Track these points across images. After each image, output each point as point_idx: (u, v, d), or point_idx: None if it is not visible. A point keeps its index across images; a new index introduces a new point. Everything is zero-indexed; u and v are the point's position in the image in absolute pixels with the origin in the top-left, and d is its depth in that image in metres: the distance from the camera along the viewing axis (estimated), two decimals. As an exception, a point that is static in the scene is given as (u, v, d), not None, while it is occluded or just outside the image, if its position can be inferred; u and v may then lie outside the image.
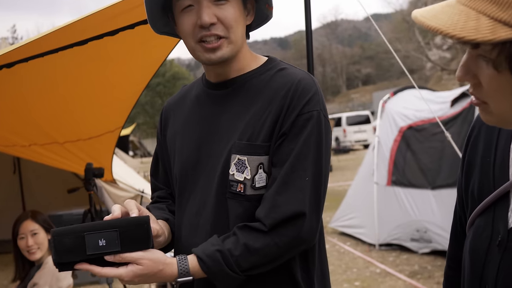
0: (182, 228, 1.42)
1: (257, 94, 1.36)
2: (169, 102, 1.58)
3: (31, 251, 3.16)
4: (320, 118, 1.32)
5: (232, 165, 1.32)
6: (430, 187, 6.12)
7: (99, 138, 4.25)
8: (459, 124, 6.02)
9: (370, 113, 28.87)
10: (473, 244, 1.03)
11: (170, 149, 1.50)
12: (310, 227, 1.29)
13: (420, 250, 6.07)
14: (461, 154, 1.19)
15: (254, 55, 1.44)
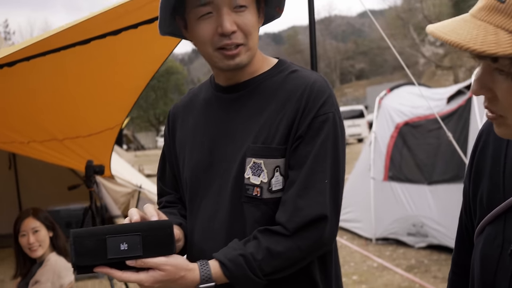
0: (194, 233, 1.40)
1: (270, 96, 1.35)
2: (176, 106, 1.55)
3: (32, 249, 3.17)
4: (336, 120, 1.31)
5: (247, 169, 1.30)
6: (427, 183, 6.17)
7: (98, 135, 4.25)
8: (455, 121, 6.06)
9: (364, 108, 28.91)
10: (483, 252, 1.03)
11: (179, 153, 1.47)
12: (331, 230, 1.28)
13: (417, 244, 6.13)
14: (468, 161, 1.20)
15: (265, 57, 1.43)
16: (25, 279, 3.21)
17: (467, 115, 5.94)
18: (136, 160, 20.14)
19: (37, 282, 3.07)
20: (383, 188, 6.61)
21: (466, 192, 1.17)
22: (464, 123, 5.95)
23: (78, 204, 5.64)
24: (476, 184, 1.12)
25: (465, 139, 5.83)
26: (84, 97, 3.80)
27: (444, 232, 5.81)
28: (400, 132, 6.80)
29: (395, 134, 6.85)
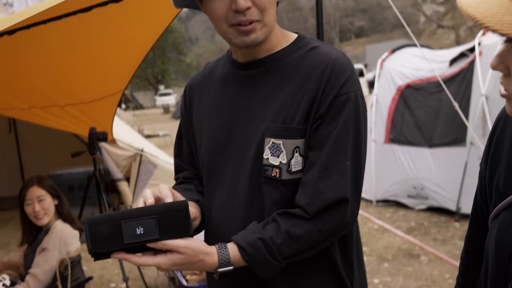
0: (212, 212, 1.38)
1: (289, 74, 1.30)
2: (193, 81, 1.51)
3: (38, 217, 3.19)
4: (358, 99, 1.27)
5: (266, 149, 1.27)
6: (428, 145, 6.19)
7: (100, 101, 4.21)
8: (457, 84, 6.03)
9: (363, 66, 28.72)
10: (498, 237, 1.04)
11: (197, 130, 1.45)
12: (352, 212, 1.26)
13: (417, 206, 6.20)
14: (485, 145, 1.20)
15: (284, 33, 1.37)
16: (32, 246, 3.25)
17: (469, 78, 5.91)
18: (135, 120, 20.15)
19: (44, 249, 3.11)
20: (384, 151, 6.63)
21: (482, 175, 1.18)
22: (467, 86, 5.92)
23: (81, 168, 5.66)
24: (492, 169, 1.12)
25: (467, 102, 5.81)
26: (85, 64, 3.76)
27: (444, 195, 5.87)
28: (401, 94, 6.77)
29: (397, 96, 6.82)
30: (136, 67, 4.02)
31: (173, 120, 25.53)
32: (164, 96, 39.82)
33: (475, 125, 5.56)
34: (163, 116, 29.61)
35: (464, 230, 5.29)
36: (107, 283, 4.57)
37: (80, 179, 5.70)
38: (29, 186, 3.23)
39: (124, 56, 3.83)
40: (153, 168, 6.13)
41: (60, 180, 5.65)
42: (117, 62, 3.90)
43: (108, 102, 4.34)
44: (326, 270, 1.33)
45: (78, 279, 3.69)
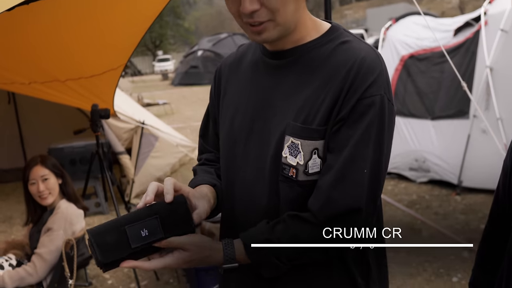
0: (234, 200, 1.36)
1: (316, 69, 1.25)
2: (225, 63, 1.47)
3: (42, 196, 3.19)
4: (384, 103, 1.20)
5: (285, 147, 1.24)
6: (430, 118, 6.15)
7: (101, 76, 4.17)
8: (462, 54, 5.94)
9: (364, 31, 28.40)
10: None
11: (223, 114, 1.42)
12: (365, 220, 1.21)
13: (418, 179, 6.21)
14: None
15: (316, 22, 1.30)
16: (37, 226, 3.26)
17: (474, 49, 5.82)
18: (133, 87, 20.04)
19: (49, 229, 3.12)
20: (386, 123, 6.61)
21: (507, 171, 1.18)
22: (471, 57, 5.84)
23: (82, 142, 5.63)
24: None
25: (471, 74, 5.75)
26: (85, 38, 3.70)
27: (446, 168, 5.86)
28: (404, 65, 6.69)
29: (400, 67, 6.74)
30: (138, 41, 3.96)
31: (172, 87, 25.38)
32: (162, 62, 39.46)
33: (478, 97, 5.51)
34: (162, 82, 29.42)
35: (465, 204, 5.32)
36: (111, 258, 4.60)
37: (82, 152, 5.67)
38: (33, 165, 3.22)
39: (124, 29, 3.77)
40: (155, 140, 6.12)
41: (61, 153, 5.63)
42: (117, 36, 3.84)
43: (109, 76, 4.30)
44: (337, 267, 1.31)
45: (83, 255, 3.72)
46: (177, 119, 13.40)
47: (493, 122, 5.16)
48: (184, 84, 24.12)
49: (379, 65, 1.21)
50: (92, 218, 5.68)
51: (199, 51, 24.66)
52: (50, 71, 4.07)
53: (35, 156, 3.31)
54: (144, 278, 4.10)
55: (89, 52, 3.87)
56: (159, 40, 50.06)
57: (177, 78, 25.89)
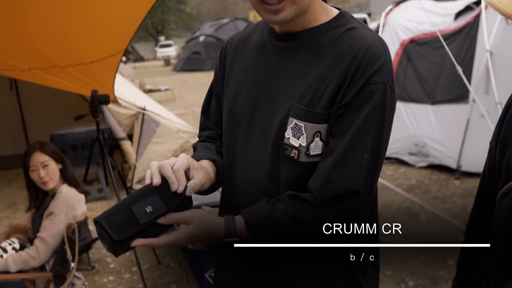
0: (234, 179, 1.40)
1: (322, 53, 1.28)
2: (231, 42, 1.48)
3: (43, 182, 3.24)
4: (386, 91, 1.23)
5: (288, 129, 1.27)
6: (430, 102, 6.17)
7: (101, 62, 4.19)
8: (462, 39, 5.94)
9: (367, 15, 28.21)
10: (508, 216, 1.06)
11: (227, 93, 1.44)
12: (362, 203, 1.26)
13: (418, 164, 6.24)
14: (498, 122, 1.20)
15: (325, 7, 1.33)
16: (39, 210, 3.31)
17: (474, 33, 5.82)
18: (135, 73, 20.02)
19: (51, 213, 3.17)
20: (386, 107, 6.62)
21: (492, 153, 1.19)
22: (471, 41, 5.84)
23: (84, 128, 5.67)
24: (503, 147, 1.13)
25: (471, 58, 5.75)
26: (84, 24, 3.72)
27: (445, 152, 5.89)
28: (405, 49, 6.68)
29: (400, 51, 6.72)
30: (136, 27, 3.98)
31: (174, 72, 25.36)
32: (164, 48, 39.34)
33: (478, 81, 5.52)
34: (164, 68, 29.38)
35: (463, 188, 5.35)
36: (113, 242, 4.66)
37: (83, 138, 5.71)
38: (32, 152, 3.26)
39: (123, 15, 3.78)
40: (156, 126, 6.15)
41: (63, 139, 5.68)
42: (116, 21, 3.85)
43: (109, 62, 4.32)
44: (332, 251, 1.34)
45: (85, 239, 3.78)
46: (179, 105, 13.43)
47: (492, 106, 5.17)
48: (186, 70, 24.09)
49: (384, 54, 1.25)
50: (94, 204, 5.74)
51: (201, 37, 24.60)
52: (50, 57, 4.10)
53: (34, 143, 3.35)
54: (146, 262, 4.17)
55: (88, 38, 3.89)
56: (161, 25, 49.85)
57: (179, 64, 25.85)
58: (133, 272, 4.05)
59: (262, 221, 1.24)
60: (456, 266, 1.45)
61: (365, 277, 1.41)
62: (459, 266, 1.42)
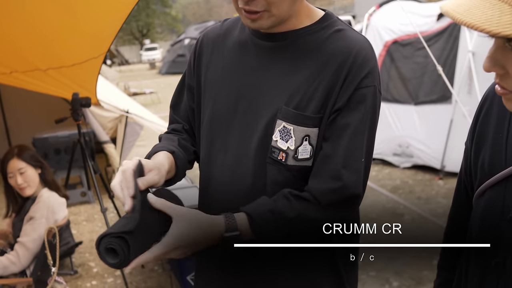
0: (211, 181, 1.37)
1: (309, 54, 1.26)
2: (207, 36, 1.44)
3: (21, 189, 3.20)
4: (376, 94, 1.24)
5: (276, 131, 1.25)
6: (413, 103, 6.20)
7: (82, 64, 4.15)
8: (445, 39, 5.99)
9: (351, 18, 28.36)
10: (484, 216, 1.07)
11: (204, 90, 1.40)
12: (358, 204, 1.29)
13: (402, 164, 6.27)
14: (472, 122, 1.20)
15: (310, 9, 1.31)
16: (20, 215, 3.26)
17: (457, 34, 5.87)
18: (120, 77, 19.94)
19: (32, 218, 3.13)
20: (370, 109, 6.65)
21: (468, 153, 1.19)
22: (454, 41, 5.89)
23: (67, 131, 5.62)
24: (478, 147, 1.13)
25: (453, 59, 5.80)
26: (66, 27, 3.69)
27: (429, 153, 5.93)
28: (388, 50, 6.72)
29: (384, 52, 6.76)
30: (117, 30, 3.94)
31: (159, 75, 25.28)
32: (149, 51, 39.24)
33: (461, 81, 5.57)
34: (149, 72, 29.27)
35: (448, 188, 5.39)
36: (96, 246, 4.62)
37: (67, 142, 5.66)
38: (9, 158, 3.22)
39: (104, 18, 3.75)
40: (140, 129, 6.11)
41: (46, 143, 5.63)
42: (97, 24, 3.82)
43: (90, 65, 4.28)
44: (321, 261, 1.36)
45: (68, 243, 3.74)
46: (164, 108, 13.35)
47: (475, 106, 5.17)
48: (171, 73, 24.02)
49: (374, 57, 1.25)
50: (78, 208, 5.69)
51: (186, 40, 24.55)
52: (31, 60, 4.06)
53: (12, 148, 3.30)
54: (129, 265, 4.13)
55: (69, 40, 3.86)
56: (146, 29, 49.72)
57: (164, 67, 25.79)
58: (116, 276, 4.01)
59: (267, 214, 1.19)
60: (437, 267, 1.45)
61: (347, 274, 1.41)
62: (439, 267, 1.42)
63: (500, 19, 0.77)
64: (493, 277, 1.04)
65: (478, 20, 0.79)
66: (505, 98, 0.92)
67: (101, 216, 4.84)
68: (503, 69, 0.87)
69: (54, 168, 4.84)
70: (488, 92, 1.15)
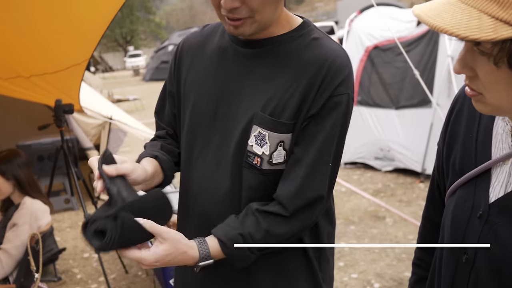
0: (191, 183, 1.40)
1: (286, 62, 1.29)
2: (188, 42, 1.47)
3: None
4: (349, 102, 1.28)
5: (252, 136, 1.29)
6: (394, 107, 6.29)
7: (65, 71, 4.15)
8: (425, 44, 6.09)
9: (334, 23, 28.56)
10: (454, 214, 1.10)
11: (184, 96, 1.43)
12: (324, 207, 1.34)
13: (384, 168, 6.35)
14: (444, 123, 1.25)
15: (289, 17, 1.34)
16: (3, 221, 3.26)
17: (436, 38, 5.97)
18: (104, 84, 19.83)
19: (15, 225, 3.13)
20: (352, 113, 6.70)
21: (440, 153, 1.23)
22: (433, 46, 5.99)
23: (50, 138, 5.61)
24: (450, 147, 1.17)
25: (433, 63, 5.90)
26: (48, 34, 3.69)
27: (410, 156, 6.01)
28: (369, 56, 6.80)
29: (365, 58, 6.85)
30: (100, 36, 3.95)
31: (143, 82, 25.20)
32: (133, 58, 39.10)
33: (441, 85, 5.66)
34: (133, 78, 29.15)
35: (428, 190, 5.46)
36: (80, 253, 4.62)
37: (50, 149, 5.65)
38: None
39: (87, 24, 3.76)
40: (123, 135, 6.11)
41: (29, 150, 5.60)
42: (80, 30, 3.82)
43: (73, 72, 4.28)
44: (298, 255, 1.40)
45: (51, 250, 3.74)
46: (148, 115, 13.33)
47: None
48: (155, 80, 23.95)
49: (349, 66, 1.29)
50: (62, 214, 5.67)
51: (170, 46, 24.50)
52: (13, 67, 4.05)
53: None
54: (113, 271, 4.13)
55: (52, 47, 3.86)
56: (130, 35, 49.55)
57: (148, 73, 25.70)
58: (100, 282, 4.01)
59: (237, 238, 1.25)
60: (412, 265, 1.48)
61: (323, 274, 1.46)
62: (414, 265, 1.45)
63: (468, 24, 0.81)
64: (464, 273, 1.07)
65: (447, 24, 0.82)
66: (474, 99, 0.95)
67: (85, 222, 4.84)
68: (472, 71, 0.91)
69: (37, 175, 4.83)
70: (459, 94, 1.19)
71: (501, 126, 1.06)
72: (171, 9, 67.47)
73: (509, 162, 1.03)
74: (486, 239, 1.01)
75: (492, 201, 1.03)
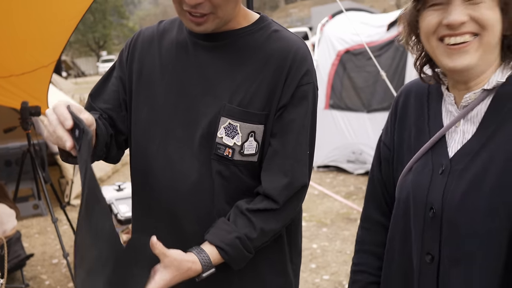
0: (149, 178, 1.37)
1: (249, 54, 1.31)
2: (144, 34, 1.45)
3: None
4: (315, 90, 1.34)
5: (221, 128, 1.29)
6: (366, 111, 6.35)
7: (32, 73, 4.07)
8: (395, 49, 6.16)
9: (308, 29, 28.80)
10: (415, 181, 1.14)
11: (139, 89, 1.39)
12: (305, 193, 1.38)
13: (356, 171, 6.39)
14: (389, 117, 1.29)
15: (246, 12, 1.37)
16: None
17: (405, 44, 6.05)
18: (76, 89, 19.59)
19: (-21, 230, 3.05)
20: (324, 117, 6.71)
21: (390, 146, 1.27)
22: (403, 50, 6.06)
23: (17, 143, 5.50)
24: (401, 135, 1.24)
25: (403, 67, 5.98)
26: (14, 35, 3.62)
27: (382, 159, 6.06)
28: (341, 60, 6.85)
29: (336, 62, 6.90)
30: (67, 38, 3.90)
31: (116, 87, 24.97)
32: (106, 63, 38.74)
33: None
34: (106, 83, 28.87)
35: (399, 192, 5.52)
36: (49, 259, 4.52)
37: (17, 153, 5.52)
38: None
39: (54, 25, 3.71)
40: (94, 139, 6.02)
41: (-4, 155, 5.48)
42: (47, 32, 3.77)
43: (41, 74, 4.21)
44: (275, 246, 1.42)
45: (18, 256, 3.65)
46: (121, 119, 13.22)
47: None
48: (128, 85, 23.77)
49: (310, 56, 1.33)
50: (30, 220, 5.56)
51: (144, 51, 24.39)
52: (-22, 69, 3.97)
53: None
54: (82, 277, 4.06)
55: (18, 49, 3.79)
56: (103, 40, 49.13)
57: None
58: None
59: (234, 241, 1.26)
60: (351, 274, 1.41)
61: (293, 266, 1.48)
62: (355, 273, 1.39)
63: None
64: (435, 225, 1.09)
65: None
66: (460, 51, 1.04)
67: (53, 228, 4.74)
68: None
69: (4, 181, 4.73)
70: (401, 90, 1.28)
71: (448, 101, 1.15)
72: (145, 14, 67.18)
73: (460, 124, 1.11)
74: (452, 186, 1.06)
75: (452, 155, 1.10)
